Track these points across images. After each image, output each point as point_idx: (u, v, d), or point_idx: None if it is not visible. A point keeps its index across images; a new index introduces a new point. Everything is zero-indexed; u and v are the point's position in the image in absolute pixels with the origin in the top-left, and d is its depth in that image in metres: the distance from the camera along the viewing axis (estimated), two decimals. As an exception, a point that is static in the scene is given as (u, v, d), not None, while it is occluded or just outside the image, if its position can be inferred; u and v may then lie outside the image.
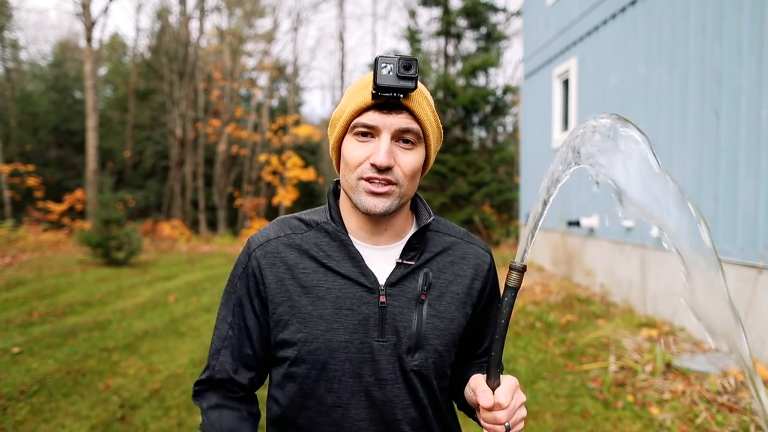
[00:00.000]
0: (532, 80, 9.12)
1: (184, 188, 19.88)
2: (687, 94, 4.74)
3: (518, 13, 15.67)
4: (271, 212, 21.62)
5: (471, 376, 0.93)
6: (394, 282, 0.93)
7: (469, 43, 16.56)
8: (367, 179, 0.87)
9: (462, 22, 15.75)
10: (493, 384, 0.83)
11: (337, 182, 1.01)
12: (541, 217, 0.81)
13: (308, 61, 42.44)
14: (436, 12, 16.03)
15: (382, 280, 0.93)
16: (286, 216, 1.03)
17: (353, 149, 0.88)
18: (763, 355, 3.76)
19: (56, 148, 20.27)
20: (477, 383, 0.86)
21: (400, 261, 0.94)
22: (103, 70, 23.76)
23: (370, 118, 0.86)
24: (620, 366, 3.91)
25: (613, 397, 3.46)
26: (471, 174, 14.22)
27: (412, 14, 16.89)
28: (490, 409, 0.81)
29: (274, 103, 24.74)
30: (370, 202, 0.87)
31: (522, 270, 0.82)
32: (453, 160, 14.06)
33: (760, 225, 3.86)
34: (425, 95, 0.90)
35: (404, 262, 0.94)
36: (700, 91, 4.55)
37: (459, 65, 16.34)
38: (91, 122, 13.98)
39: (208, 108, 21.37)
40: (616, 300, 5.89)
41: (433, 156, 0.95)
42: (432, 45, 19.26)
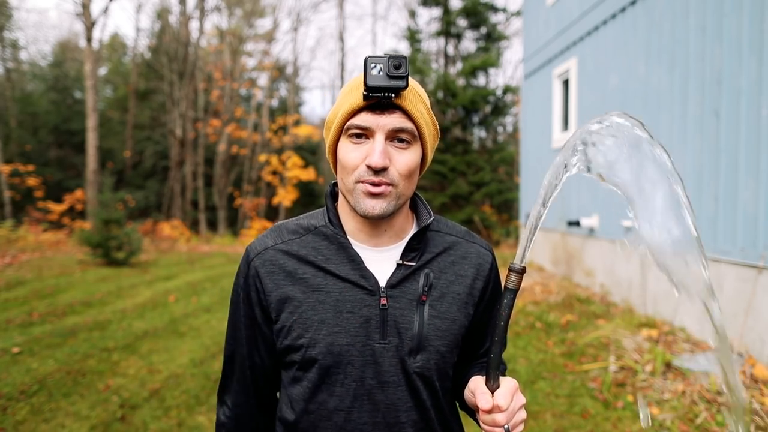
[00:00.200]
0: (532, 80, 9.12)
1: (184, 188, 19.88)
2: (687, 94, 4.74)
3: (518, 13, 15.66)
4: (271, 212, 21.62)
5: (471, 378, 0.92)
6: (394, 283, 0.92)
7: (469, 43, 16.57)
8: (364, 182, 0.86)
9: (462, 22, 15.75)
10: (493, 386, 0.83)
11: (335, 184, 1.00)
12: (540, 218, 0.80)
13: (308, 61, 42.54)
14: (436, 12, 16.04)
15: (382, 282, 0.92)
16: (283, 221, 1.02)
17: (348, 152, 0.87)
18: (763, 355, 3.76)
19: (56, 148, 20.27)
20: (476, 385, 0.85)
21: (401, 262, 0.93)
22: (103, 70, 23.78)
23: (363, 119, 0.85)
24: (620, 366, 3.91)
25: (613, 397, 3.46)
26: (471, 174, 14.22)
27: (412, 14, 16.89)
28: (489, 412, 0.81)
29: (274, 103, 24.75)
30: (368, 205, 0.86)
31: (521, 272, 0.82)
32: (453, 160, 14.06)
33: (760, 225, 3.86)
34: (418, 93, 0.89)
35: (405, 263, 0.93)
36: (700, 91, 4.55)
37: (459, 65, 16.33)
38: (91, 122, 13.98)
39: (208, 108, 21.37)
40: (616, 300, 5.89)
41: (430, 154, 0.94)
42: (432, 45, 19.30)
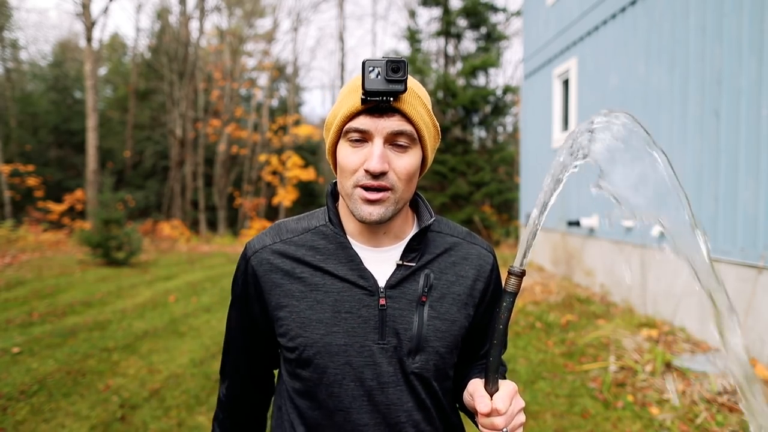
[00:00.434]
0: (532, 80, 9.12)
1: (184, 188, 19.88)
2: (687, 94, 4.74)
3: (518, 13, 15.67)
4: (271, 212, 21.62)
5: (470, 380, 0.92)
6: (394, 284, 0.92)
7: (469, 43, 16.57)
8: (362, 186, 0.86)
9: (462, 22, 15.75)
10: (492, 389, 0.82)
11: (335, 184, 0.99)
12: (540, 222, 0.80)
13: (308, 61, 42.52)
14: (436, 12, 16.04)
15: (381, 282, 0.92)
16: (283, 220, 1.02)
17: (347, 155, 0.87)
18: (763, 355, 3.76)
19: (56, 148, 20.28)
20: (475, 388, 0.84)
21: (401, 263, 0.93)
22: (103, 70, 23.78)
23: (362, 122, 0.84)
24: (620, 366, 3.91)
25: (613, 397, 3.46)
26: (471, 174, 14.21)
27: (412, 14, 16.88)
28: (488, 415, 0.80)
29: (274, 103, 24.74)
30: (365, 211, 0.86)
31: (521, 275, 0.81)
32: (453, 160, 14.06)
33: (760, 225, 3.86)
34: (418, 95, 0.88)
35: (404, 263, 0.93)
36: (700, 91, 4.55)
37: (459, 65, 16.34)
38: (91, 122, 13.98)
39: (208, 108, 21.37)
40: (616, 300, 5.89)
41: (430, 155, 0.93)
42: (432, 45, 19.30)
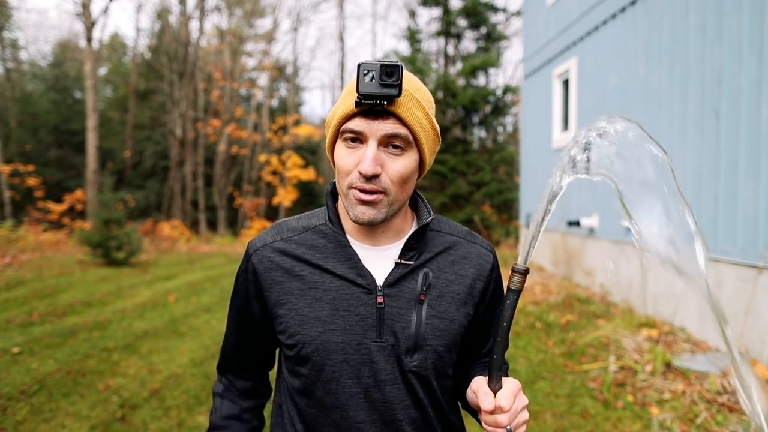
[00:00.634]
0: (532, 80, 9.12)
1: (184, 188, 19.88)
2: (687, 94, 4.74)
3: (518, 13, 15.67)
4: (271, 212, 21.61)
5: (473, 378, 0.92)
6: (392, 282, 0.92)
7: (469, 43, 16.57)
8: (356, 188, 0.86)
9: (462, 22, 15.75)
10: (495, 387, 0.82)
11: (335, 184, 1.00)
12: (546, 215, 0.79)
13: (308, 61, 42.51)
14: (436, 12, 16.03)
15: (380, 281, 0.92)
16: (284, 219, 1.03)
17: (343, 156, 0.88)
18: (763, 355, 3.76)
19: (56, 148, 20.27)
20: (479, 386, 0.85)
21: (399, 261, 0.93)
22: (103, 70, 23.78)
23: (357, 124, 0.85)
24: (620, 366, 3.91)
25: (613, 397, 3.46)
26: (471, 174, 14.21)
27: (412, 14, 16.89)
28: (492, 413, 0.80)
29: (274, 103, 24.74)
30: (358, 211, 0.87)
31: (525, 273, 0.81)
32: (453, 160, 14.06)
33: (760, 225, 3.86)
34: (416, 97, 0.87)
35: (403, 262, 0.94)
36: (700, 91, 4.55)
37: (459, 65, 16.33)
38: (91, 122, 13.98)
39: (208, 108, 21.37)
40: (616, 300, 5.89)
41: (429, 158, 0.93)
42: (432, 45, 19.29)
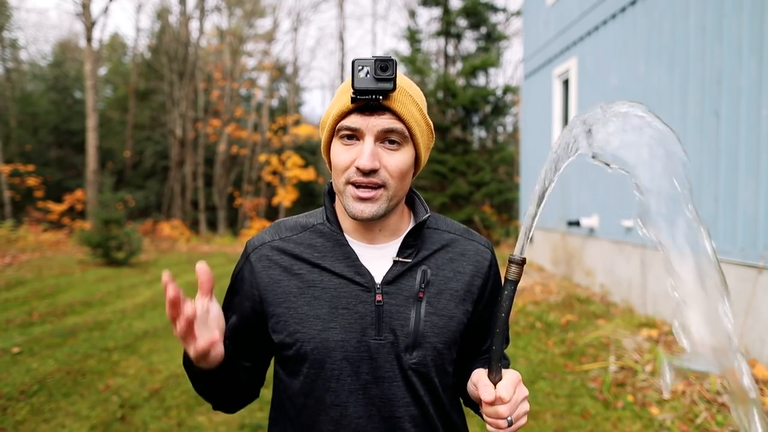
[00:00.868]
0: (532, 80, 9.12)
1: (184, 188, 19.88)
2: (687, 94, 4.74)
3: (518, 13, 15.67)
4: (271, 212, 21.61)
5: (474, 371, 0.93)
6: (390, 280, 0.93)
7: (469, 43, 16.58)
8: (354, 183, 0.87)
9: (462, 22, 15.76)
10: (495, 378, 0.83)
11: (332, 183, 1.01)
12: (542, 202, 0.80)
13: (308, 61, 42.54)
14: (436, 12, 16.05)
15: (378, 279, 0.93)
16: (283, 219, 1.04)
17: (339, 153, 0.88)
18: (763, 355, 3.75)
19: (56, 148, 20.27)
20: (479, 378, 0.86)
21: (397, 259, 0.94)
22: (103, 70, 23.77)
23: (353, 120, 0.86)
24: (620, 366, 3.91)
25: (613, 397, 3.46)
26: (471, 174, 14.22)
27: (412, 14, 16.90)
28: (492, 404, 0.81)
29: (274, 103, 24.74)
30: (357, 208, 0.87)
31: (521, 263, 0.82)
32: (453, 160, 14.06)
33: (760, 225, 3.86)
34: (410, 93, 0.89)
35: (401, 259, 0.94)
36: (700, 91, 4.55)
37: (459, 65, 16.34)
38: (91, 122, 13.98)
39: (208, 108, 21.37)
40: (616, 300, 5.89)
41: (424, 154, 0.94)
42: (432, 45, 19.28)
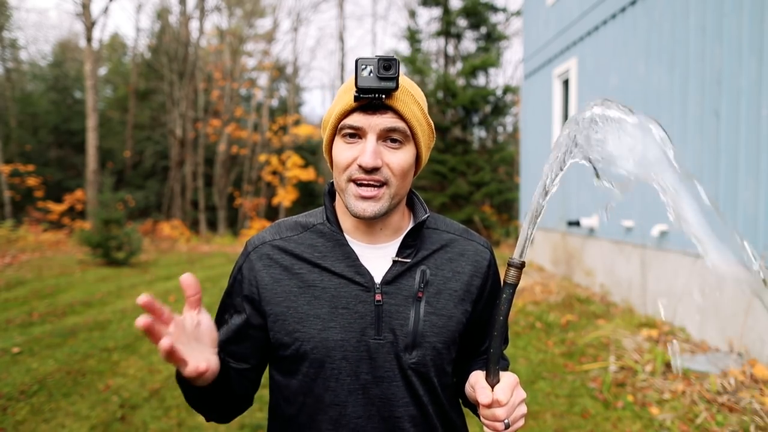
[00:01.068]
0: (532, 80, 9.12)
1: (184, 188, 19.87)
2: (687, 94, 4.74)
3: (518, 13, 15.67)
4: (271, 212, 21.61)
5: (472, 373, 0.93)
6: (390, 280, 0.93)
7: (469, 43, 16.58)
8: (355, 181, 0.87)
9: (462, 22, 15.76)
10: (493, 381, 0.83)
11: (333, 183, 1.01)
12: (541, 209, 0.80)
13: (308, 61, 42.55)
14: (436, 12, 16.05)
15: (378, 279, 0.93)
16: (283, 219, 1.04)
17: (341, 151, 0.89)
18: (763, 355, 3.75)
19: (56, 148, 20.26)
20: (476, 380, 0.86)
21: (396, 259, 0.94)
22: (103, 70, 23.77)
23: (356, 119, 0.87)
24: (620, 366, 3.91)
25: (613, 397, 3.46)
26: (471, 174, 14.22)
27: (412, 14, 16.90)
28: (489, 406, 0.81)
29: (274, 103, 24.73)
30: (359, 207, 0.88)
31: (521, 267, 0.82)
32: (453, 160, 14.06)
33: (760, 225, 3.86)
34: (412, 93, 0.90)
35: (400, 259, 0.94)
36: (700, 91, 4.55)
37: (459, 65, 16.34)
38: (91, 122, 13.98)
39: (208, 108, 21.36)
40: (616, 300, 5.89)
41: (425, 153, 0.95)
42: (432, 45, 19.28)
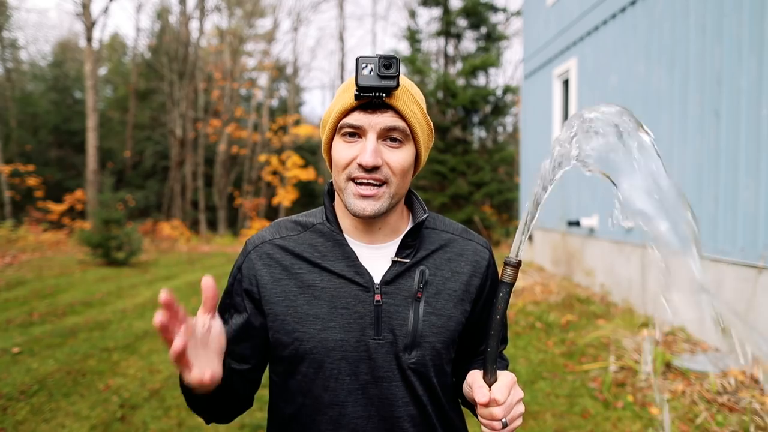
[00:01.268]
0: (532, 80, 9.12)
1: (184, 188, 19.87)
2: (687, 94, 4.74)
3: (518, 13, 15.66)
4: (271, 212, 21.61)
5: (469, 372, 0.93)
6: (389, 280, 0.93)
7: (469, 43, 16.57)
8: (355, 180, 0.87)
9: (462, 22, 15.75)
10: (490, 380, 0.83)
11: (332, 183, 1.01)
12: (537, 209, 0.80)
13: (308, 61, 42.59)
14: (436, 12, 16.04)
15: (377, 279, 0.93)
16: (282, 218, 1.04)
17: (341, 150, 0.89)
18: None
19: (56, 148, 20.26)
20: (474, 379, 0.86)
21: (396, 259, 0.94)
22: (103, 70, 23.76)
23: (356, 118, 0.86)
24: (620, 366, 3.91)
25: (613, 397, 3.46)
26: (471, 174, 14.21)
27: (412, 14, 16.88)
28: (487, 405, 0.81)
29: (274, 103, 24.74)
30: (359, 206, 0.87)
31: (517, 265, 0.82)
32: (453, 160, 14.06)
33: (760, 225, 3.86)
34: (412, 93, 0.90)
35: (399, 260, 0.94)
36: (700, 91, 4.55)
37: (459, 65, 16.33)
38: (91, 122, 13.98)
39: (208, 108, 21.36)
40: (616, 300, 5.89)
41: (424, 153, 0.95)
42: (432, 45, 19.27)
